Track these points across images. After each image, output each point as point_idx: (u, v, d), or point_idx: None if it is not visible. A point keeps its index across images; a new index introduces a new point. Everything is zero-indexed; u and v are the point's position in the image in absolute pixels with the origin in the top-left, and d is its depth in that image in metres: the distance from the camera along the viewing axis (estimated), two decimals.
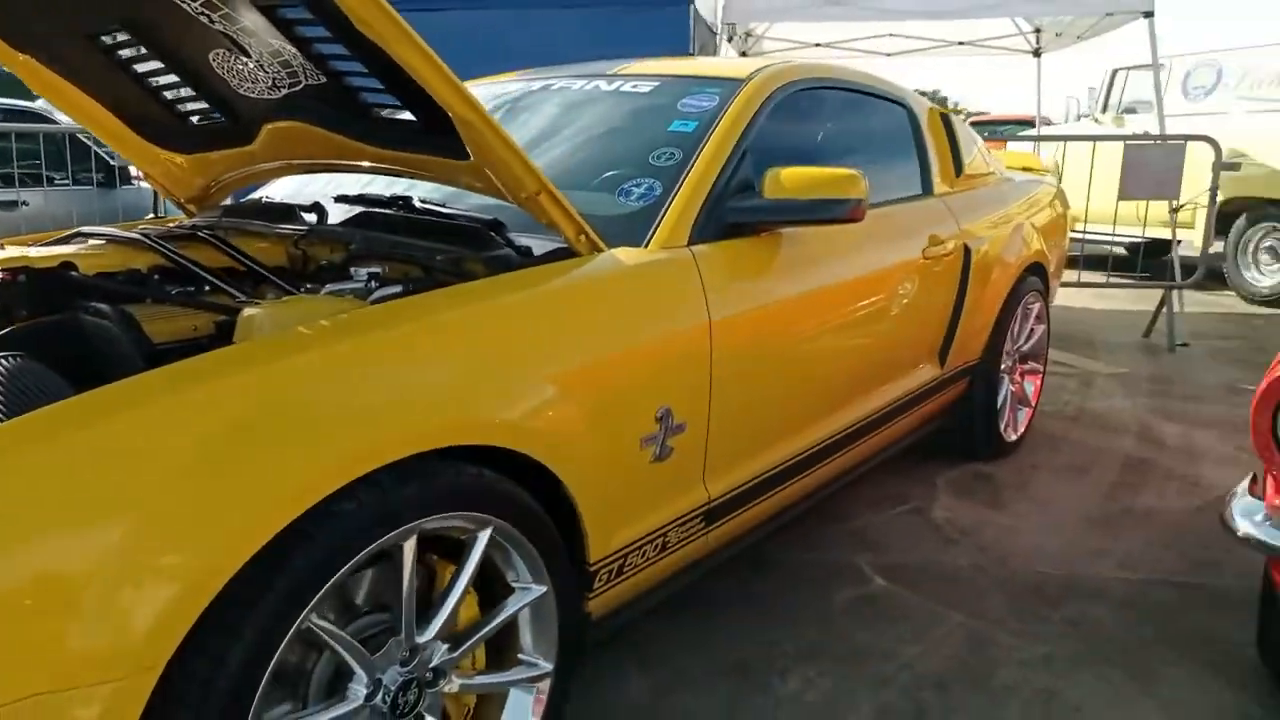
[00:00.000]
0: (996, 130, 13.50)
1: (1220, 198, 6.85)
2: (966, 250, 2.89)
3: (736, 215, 1.99)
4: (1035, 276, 3.47)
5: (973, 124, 20.00)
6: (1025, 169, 4.07)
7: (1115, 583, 2.47)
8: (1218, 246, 7.08)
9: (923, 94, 3.18)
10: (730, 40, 7.07)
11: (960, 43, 7.63)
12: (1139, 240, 6.42)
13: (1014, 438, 3.48)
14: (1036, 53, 7.62)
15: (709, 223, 1.95)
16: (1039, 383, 3.69)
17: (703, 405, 1.82)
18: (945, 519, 2.90)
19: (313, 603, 1.14)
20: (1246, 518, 1.57)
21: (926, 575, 2.51)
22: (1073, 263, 6.60)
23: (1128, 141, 5.30)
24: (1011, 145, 8.50)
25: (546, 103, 2.44)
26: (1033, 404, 3.63)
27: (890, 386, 2.61)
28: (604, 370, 1.61)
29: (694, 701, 1.94)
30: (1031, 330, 3.55)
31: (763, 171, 1.99)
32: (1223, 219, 7.07)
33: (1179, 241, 5.70)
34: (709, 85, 2.27)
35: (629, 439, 1.66)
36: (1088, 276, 5.94)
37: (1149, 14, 5.26)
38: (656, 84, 2.34)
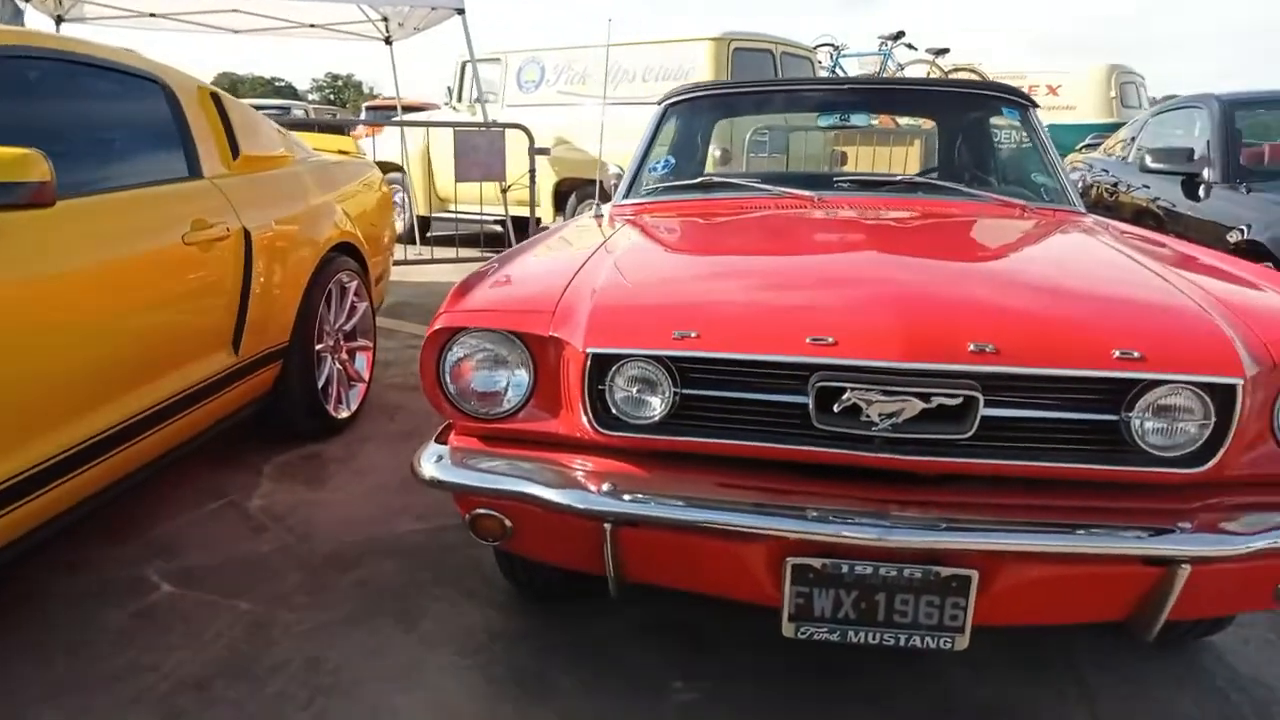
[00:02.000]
0: (387, 115, 13.75)
1: (556, 178, 7.98)
2: (247, 234, 2.83)
3: None
4: (348, 256, 3.58)
5: (371, 108, 20.02)
6: (341, 152, 4.17)
7: (410, 535, 2.67)
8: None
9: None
10: (29, 1, 6.07)
11: (312, 25, 7.59)
12: (513, 218, 7.10)
13: (346, 414, 3.56)
14: (388, 40, 7.93)
15: None
16: (370, 358, 3.84)
17: None
18: (260, 507, 2.85)
19: None
20: (430, 462, 1.77)
21: (222, 571, 2.43)
22: (447, 241, 7.07)
23: (456, 128, 5.78)
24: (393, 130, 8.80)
25: None
26: (366, 379, 3.77)
27: (164, 381, 2.45)
28: None
29: None
30: (353, 308, 3.66)
31: None
32: (562, 196, 8.21)
33: (511, 217, 6.42)
34: None
35: None
36: (440, 253, 6.40)
37: (460, 11, 5.77)
38: None
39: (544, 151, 6.02)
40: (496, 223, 8.03)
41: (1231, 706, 1.92)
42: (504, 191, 6.05)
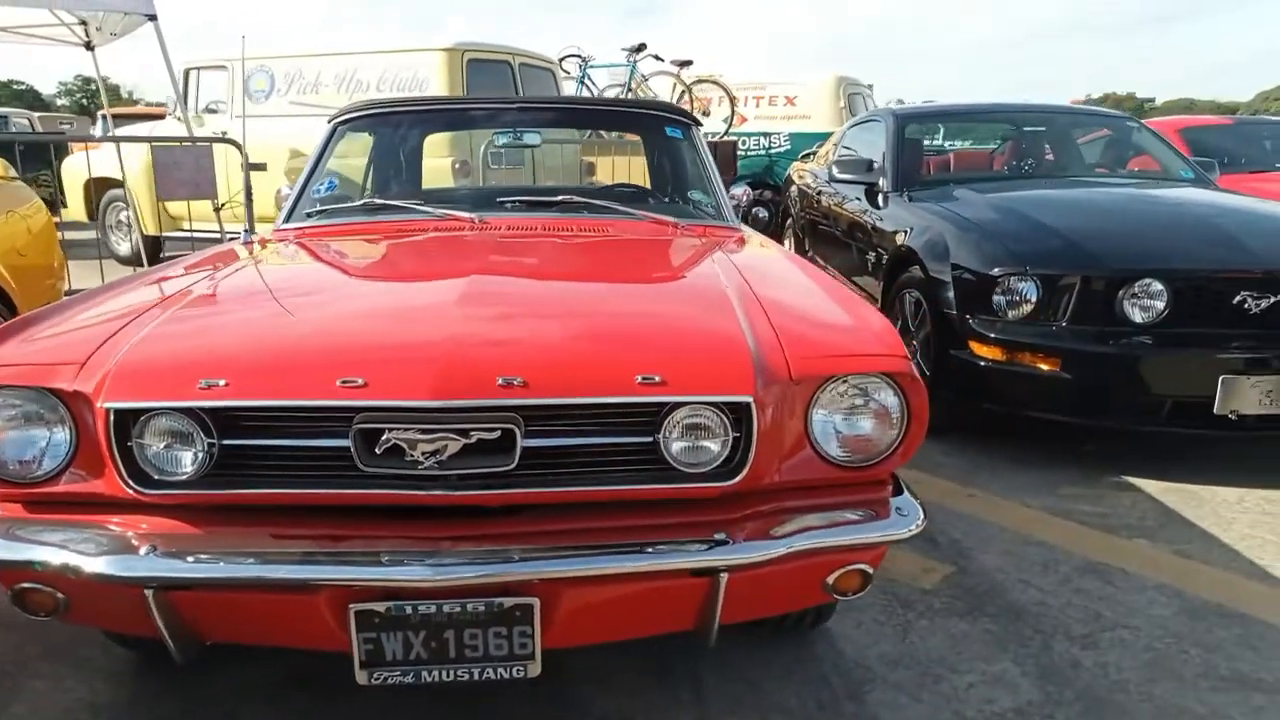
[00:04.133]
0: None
1: None
2: None
3: None
4: None
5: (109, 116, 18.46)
6: None
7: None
8: None
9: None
10: None
11: None
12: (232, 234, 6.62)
13: None
14: (89, 46, 7.25)
15: None
16: None
17: None
18: None
19: None
20: None
21: None
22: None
23: (154, 144, 5.36)
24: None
25: None
26: None
27: None
28: None
29: None
30: None
31: None
32: None
33: (230, 235, 6.04)
34: None
35: None
36: None
37: (152, 17, 5.36)
38: None
39: (259, 167, 5.69)
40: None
41: (829, 691, 2.07)
42: (218, 210, 5.67)
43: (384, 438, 1.47)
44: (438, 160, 6.71)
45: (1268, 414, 3.14)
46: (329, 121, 3.29)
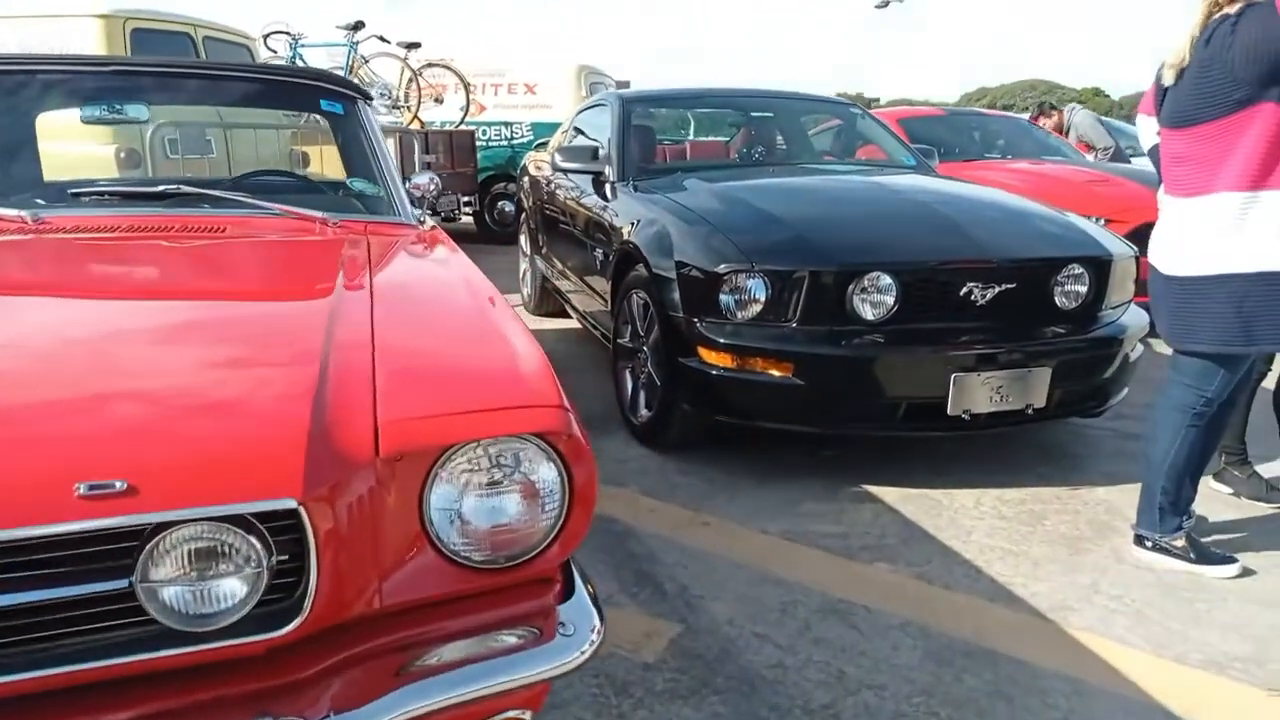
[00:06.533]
0: None
1: None
2: None
3: None
4: None
5: None
6: None
7: None
8: None
9: None
10: None
11: None
12: None
13: None
14: None
15: None
16: None
17: None
18: None
19: None
20: None
21: None
22: None
23: None
24: None
25: None
26: None
27: None
28: None
29: None
30: None
31: None
32: None
33: None
34: None
35: None
36: None
37: None
38: None
39: None
40: None
41: None
42: None
43: None
44: (97, 147, 5.58)
45: (998, 411, 2.98)
46: None
